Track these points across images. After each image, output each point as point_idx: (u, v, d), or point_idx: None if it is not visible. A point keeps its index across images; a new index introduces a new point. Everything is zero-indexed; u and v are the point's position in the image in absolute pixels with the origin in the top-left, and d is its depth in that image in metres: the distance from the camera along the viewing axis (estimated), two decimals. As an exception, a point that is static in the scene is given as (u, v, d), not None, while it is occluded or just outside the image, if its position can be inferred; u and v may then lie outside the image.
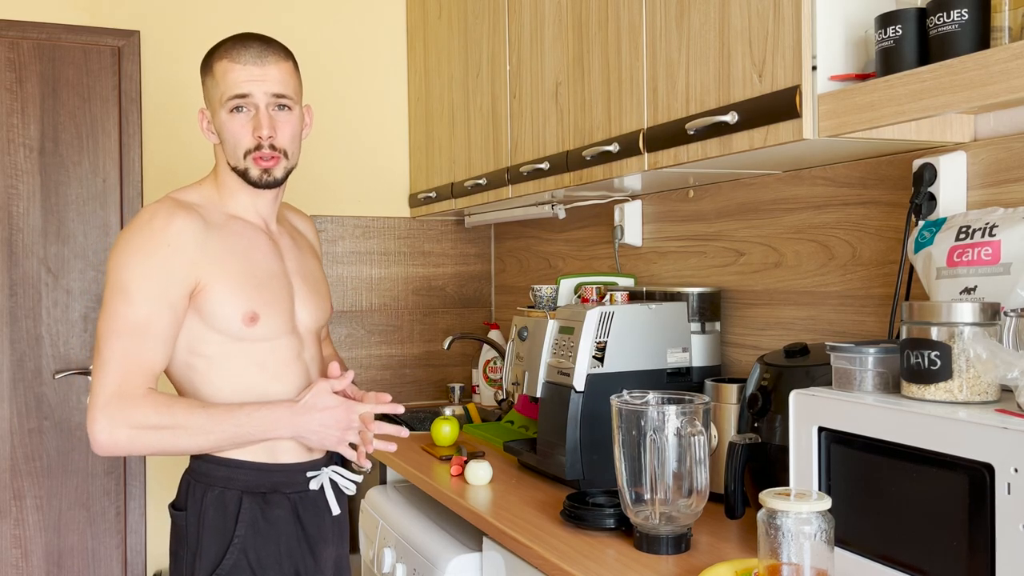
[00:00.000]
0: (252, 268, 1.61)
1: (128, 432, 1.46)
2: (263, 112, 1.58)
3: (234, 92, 1.57)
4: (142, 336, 1.49)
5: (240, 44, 1.59)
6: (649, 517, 1.50)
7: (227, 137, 1.59)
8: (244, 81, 1.56)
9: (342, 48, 3.22)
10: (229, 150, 1.61)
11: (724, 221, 2.13)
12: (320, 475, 1.68)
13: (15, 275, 2.82)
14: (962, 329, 1.13)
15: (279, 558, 1.61)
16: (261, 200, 1.68)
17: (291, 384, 1.65)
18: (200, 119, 1.66)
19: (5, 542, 2.80)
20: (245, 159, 1.59)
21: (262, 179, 1.61)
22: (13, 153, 2.81)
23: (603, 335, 1.91)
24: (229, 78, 1.57)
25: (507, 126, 2.46)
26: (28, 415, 2.83)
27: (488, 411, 2.96)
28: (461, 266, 3.38)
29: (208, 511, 1.59)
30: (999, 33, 1.21)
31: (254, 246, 1.64)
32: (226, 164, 1.63)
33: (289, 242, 1.75)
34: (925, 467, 1.11)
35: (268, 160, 1.59)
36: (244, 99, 1.57)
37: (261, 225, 1.69)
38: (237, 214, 1.66)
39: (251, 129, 1.58)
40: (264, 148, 1.58)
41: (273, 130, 1.58)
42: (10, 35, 2.80)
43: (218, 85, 1.59)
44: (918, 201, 1.53)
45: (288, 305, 1.66)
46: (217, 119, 1.61)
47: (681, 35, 1.71)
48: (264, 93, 1.57)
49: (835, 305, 1.81)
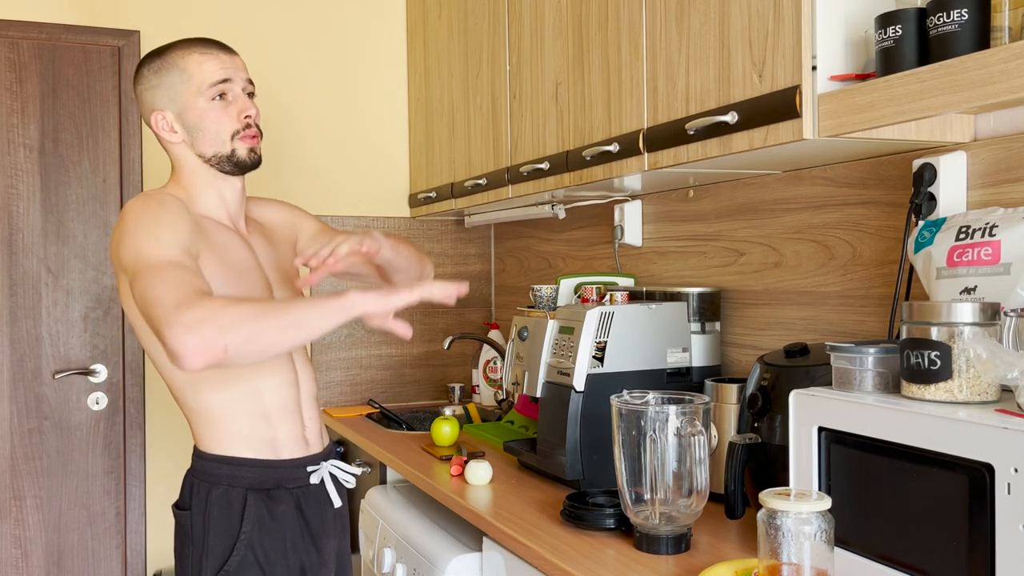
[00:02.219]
0: (228, 261, 1.62)
1: (212, 327, 1.27)
2: (243, 96, 1.65)
3: (217, 78, 1.62)
4: (183, 268, 1.39)
5: (199, 40, 1.67)
6: (649, 517, 1.50)
7: (209, 124, 1.63)
8: (222, 68, 1.63)
9: (342, 48, 3.22)
10: (210, 138, 1.63)
11: (724, 221, 2.13)
12: (320, 469, 1.70)
13: (15, 275, 2.81)
14: (962, 329, 1.13)
15: (285, 553, 1.63)
16: (230, 193, 1.69)
17: (279, 377, 1.67)
18: (156, 121, 1.64)
19: (5, 542, 2.80)
20: (232, 141, 1.64)
21: (250, 157, 1.66)
22: (13, 153, 2.81)
23: (603, 335, 1.91)
24: (207, 67, 1.62)
25: (507, 126, 2.46)
26: (28, 415, 2.83)
27: (488, 411, 2.96)
28: (461, 266, 3.38)
29: (213, 509, 1.60)
30: (999, 33, 1.21)
31: (227, 242, 1.65)
32: (194, 160, 1.65)
33: (260, 239, 1.76)
34: (925, 467, 1.11)
35: (254, 139, 1.66)
36: (227, 83, 1.63)
37: (230, 225, 1.70)
38: (206, 214, 1.67)
39: (235, 112, 1.64)
40: (251, 127, 1.65)
41: (254, 110, 1.66)
42: (10, 35, 2.80)
43: (192, 77, 1.62)
44: (918, 201, 1.53)
45: (267, 296, 1.67)
46: (191, 112, 1.62)
47: (681, 35, 1.71)
48: (241, 79, 1.66)
49: (835, 305, 1.81)
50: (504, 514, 1.76)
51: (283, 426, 1.66)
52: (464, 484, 2.00)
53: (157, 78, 1.64)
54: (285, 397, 1.67)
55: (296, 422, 1.68)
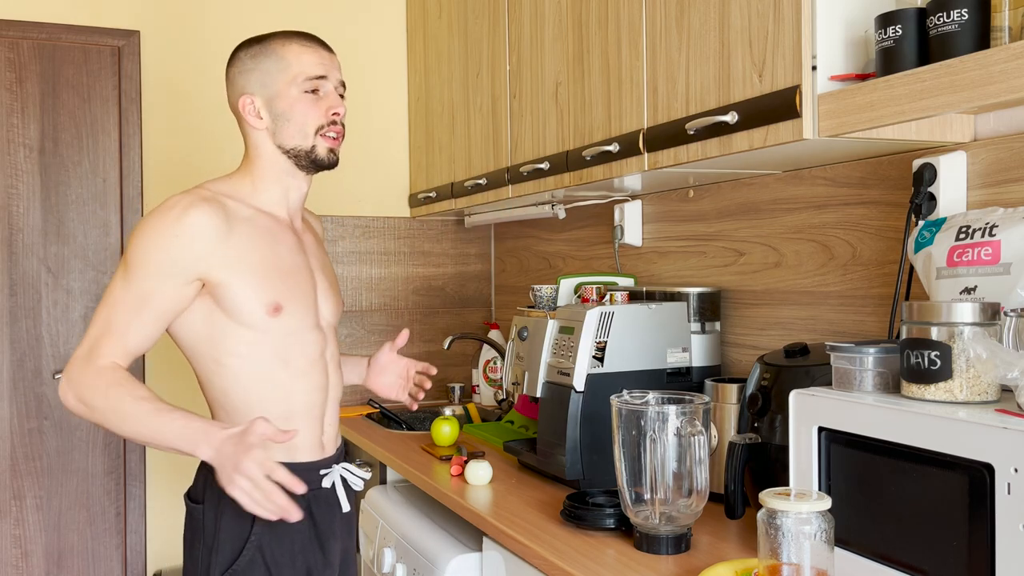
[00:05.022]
0: (277, 261, 1.62)
1: (74, 402, 1.50)
2: (334, 93, 1.65)
3: (315, 72, 1.62)
4: (129, 312, 1.52)
5: (302, 33, 1.68)
6: (649, 517, 1.50)
7: (296, 115, 1.62)
8: (321, 63, 1.64)
9: (342, 48, 3.20)
10: (294, 129, 1.63)
11: (724, 221, 2.13)
12: (331, 472, 1.70)
13: (15, 275, 2.81)
14: (962, 329, 1.13)
15: (293, 555, 1.63)
16: (295, 192, 1.70)
17: (314, 382, 1.67)
18: (244, 105, 1.64)
19: (5, 542, 2.80)
20: (315, 136, 1.63)
21: (328, 157, 1.66)
22: (13, 153, 2.81)
23: (603, 335, 1.91)
24: (305, 59, 1.62)
25: (507, 126, 2.46)
26: (28, 415, 2.83)
27: (488, 411, 2.96)
28: (461, 266, 3.38)
29: (227, 509, 1.60)
30: (999, 33, 1.21)
31: (279, 240, 1.65)
32: (271, 149, 1.65)
33: (311, 238, 1.78)
34: (925, 467, 1.11)
35: (337, 139, 1.66)
36: (321, 80, 1.63)
37: (287, 220, 1.70)
38: (266, 208, 1.67)
39: (324, 107, 1.63)
40: (337, 124, 1.65)
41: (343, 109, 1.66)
42: (10, 35, 2.80)
43: (290, 66, 1.62)
44: (918, 201, 1.53)
45: (312, 299, 1.68)
46: (281, 99, 1.62)
47: (681, 35, 1.71)
48: (335, 78, 1.66)
49: (835, 305, 1.81)
50: (504, 514, 1.76)
51: (304, 429, 1.65)
52: (464, 484, 2.00)
53: (253, 62, 1.64)
54: (311, 402, 1.67)
55: (316, 426, 1.68)
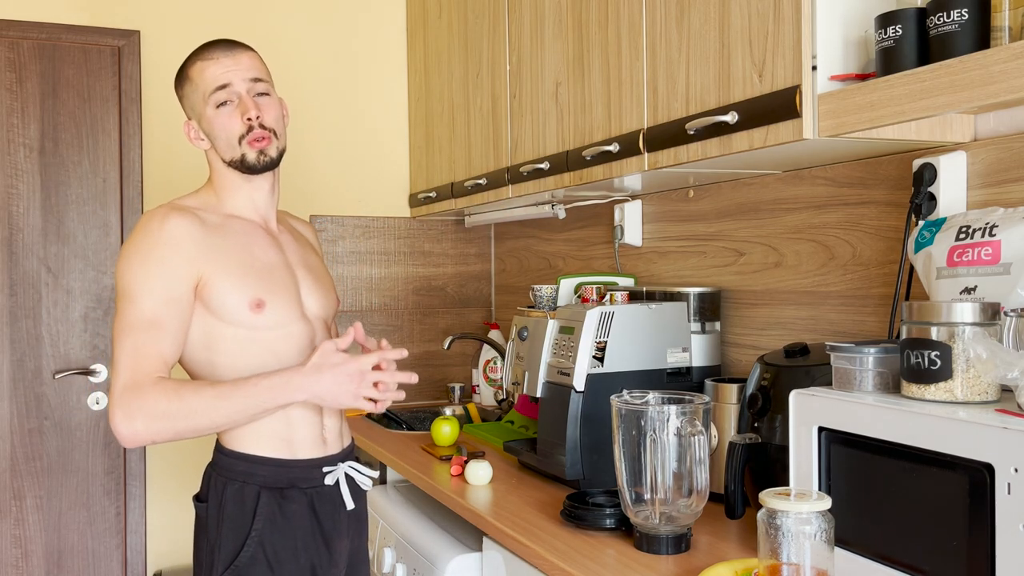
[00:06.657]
0: (252, 260, 1.65)
1: (144, 422, 1.47)
2: (246, 98, 1.66)
3: (216, 84, 1.64)
4: (149, 331, 1.54)
5: (207, 46, 1.69)
6: (649, 517, 1.50)
7: (218, 132, 1.66)
8: (222, 72, 1.65)
9: (342, 48, 3.22)
10: (223, 144, 1.67)
11: (724, 221, 2.13)
12: (336, 470, 1.71)
13: (15, 275, 2.81)
14: (962, 329, 1.13)
15: (295, 551, 1.64)
16: (258, 193, 1.73)
17: None
18: (187, 131, 1.73)
19: (5, 542, 2.80)
20: (240, 145, 1.65)
21: (259, 160, 1.67)
22: (13, 153, 2.81)
23: (603, 335, 1.91)
24: (207, 75, 1.65)
25: (507, 126, 2.46)
26: (28, 415, 2.83)
27: (488, 411, 2.96)
28: (461, 266, 3.38)
29: (228, 505, 1.62)
30: (999, 33, 1.21)
31: (253, 241, 1.69)
32: (221, 164, 1.70)
33: (289, 238, 1.80)
34: (925, 467, 1.11)
35: (261, 140, 1.66)
36: (226, 89, 1.64)
37: (260, 222, 1.74)
38: (236, 213, 1.71)
39: (239, 116, 1.65)
40: (256, 129, 1.65)
41: (259, 111, 1.66)
42: (10, 35, 2.79)
43: (198, 87, 1.66)
44: (918, 201, 1.53)
45: (294, 293, 1.70)
46: (204, 120, 1.67)
47: (681, 35, 1.71)
48: (242, 79, 1.66)
49: (835, 305, 1.81)
50: (504, 514, 1.76)
51: (302, 426, 1.67)
52: (464, 484, 2.00)
53: (181, 90, 1.71)
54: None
55: (315, 422, 1.69)
